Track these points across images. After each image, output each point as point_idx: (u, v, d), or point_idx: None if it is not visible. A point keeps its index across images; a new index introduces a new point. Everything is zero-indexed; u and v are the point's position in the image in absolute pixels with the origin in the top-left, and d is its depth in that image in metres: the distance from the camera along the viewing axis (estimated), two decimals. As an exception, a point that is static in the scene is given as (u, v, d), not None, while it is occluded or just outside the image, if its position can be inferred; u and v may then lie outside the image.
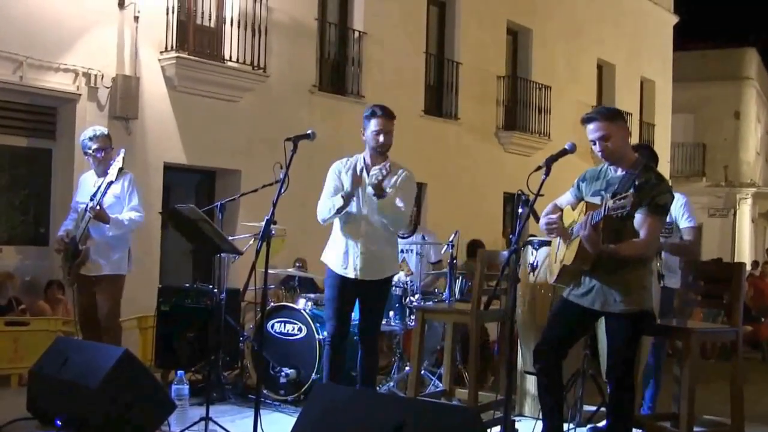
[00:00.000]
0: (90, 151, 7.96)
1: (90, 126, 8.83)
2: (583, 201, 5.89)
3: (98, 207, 7.63)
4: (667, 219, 6.49)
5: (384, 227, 6.91)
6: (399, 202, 6.85)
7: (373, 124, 6.92)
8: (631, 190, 5.39)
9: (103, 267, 7.81)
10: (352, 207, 6.87)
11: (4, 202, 11.37)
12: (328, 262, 7.05)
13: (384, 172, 6.58)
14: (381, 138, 6.90)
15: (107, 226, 7.72)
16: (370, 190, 6.73)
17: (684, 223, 7.42)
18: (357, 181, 6.85)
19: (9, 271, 10.68)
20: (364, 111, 7.10)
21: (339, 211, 6.83)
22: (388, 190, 6.76)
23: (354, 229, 6.93)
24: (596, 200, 5.79)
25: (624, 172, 5.83)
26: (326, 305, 7.15)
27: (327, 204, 6.90)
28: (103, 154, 7.93)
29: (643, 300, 5.78)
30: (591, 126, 5.83)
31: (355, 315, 7.19)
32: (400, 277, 8.95)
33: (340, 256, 6.95)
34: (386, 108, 7.03)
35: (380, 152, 6.94)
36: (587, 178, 6.07)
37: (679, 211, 7.36)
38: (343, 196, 6.79)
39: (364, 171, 6.97)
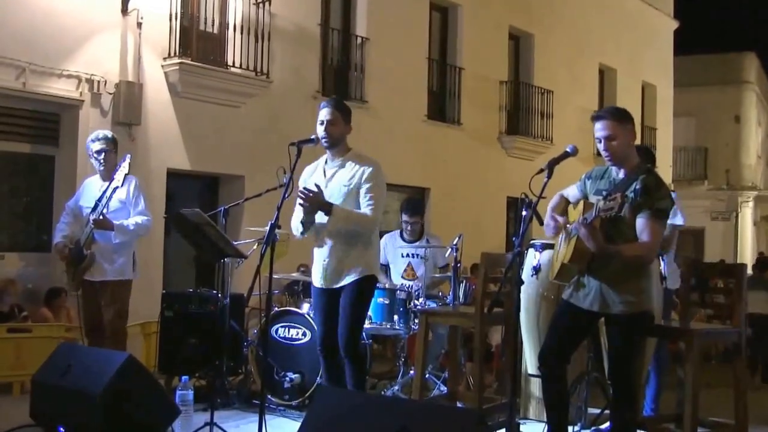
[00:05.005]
0: (92, 153, 7.97)
1: (93, 132, 8.79)
2: (583, 201, 5.90)
3: (101, 217, 7.63)
4: None
5: (348, 231, 6.54)
6: (366, 207, 6.47)
7: (318, 116, 6.64)
8: (618, 193, 5.43)
9: (107, 272, 7.80)
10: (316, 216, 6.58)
11: (6, 209, 11.38)
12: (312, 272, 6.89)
13: (304, 193, 6.33)
14: (320, 129, 6.58)
15: (113, 233, 7.72)
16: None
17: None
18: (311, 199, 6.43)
19: (11, 278, 10.65)
20: None
21: (305, 228, 6.61)
22: (335, 200, 6.50)
23: (319, 237, 6.66)
24: (596, 200, 5.81)
25: (625, 175, 5.85)
26: None
27: (293, 222, 6.68)
28: (103, 155, 7.92)
29: (643, 301, 5.78)
30: (599, 124, 5.83)
31: None
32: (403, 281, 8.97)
33: (315, 266, 6.74)
34: (334, 99, 6.83)
35: (327, 145, 6.61)
36: (593, 176, 6.07)
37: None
38: (301, 221, 6.59)
39: (323, 173, 6.71)
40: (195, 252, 9.02)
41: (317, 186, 6.46)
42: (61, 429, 6.40)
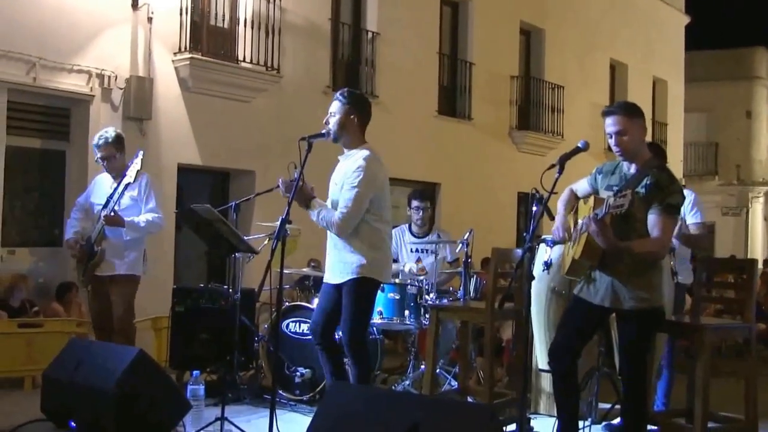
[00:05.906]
0: (96, 157, 7.99)
1: (103, 128, 8.79)
2: (594, 197, 5.90)
3: (112, 214, 7.63)
4: None
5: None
6: (339, 209, 6.38)
7: None
8: (629, 190, 5.41)
9: (117, 267, 7.82)
10: None
11: (17, 204, 11.36)
12: None
13: (283, 186, 6.30)
14: (325, 122, 6.53)
15: (123, 230, 7.72)
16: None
17: (691, 219, 7.40)
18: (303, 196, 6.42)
19: (22, 273, 10.65)
20: None
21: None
22: (332, 196, 6.51)
23: (327, 233, 6.65)
24: (607, 195, 5.81)
25: (636, 171, 5.84)
26: None
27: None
28: (106, 163, 7.93)
29: (655, 297, 5.79)
30: (609, 120, 5.82)
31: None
32: (412, 275, 8.95)
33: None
34: (340, 90, 6.69)
35: (332, 138, 6.51)
36: (604, 171, 6.07)
37: (687, 207, 7.28)
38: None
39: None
40: (206, 247, 9.02)
41: (298, 180, 6.33)
42: (72, 424, 6.43)
